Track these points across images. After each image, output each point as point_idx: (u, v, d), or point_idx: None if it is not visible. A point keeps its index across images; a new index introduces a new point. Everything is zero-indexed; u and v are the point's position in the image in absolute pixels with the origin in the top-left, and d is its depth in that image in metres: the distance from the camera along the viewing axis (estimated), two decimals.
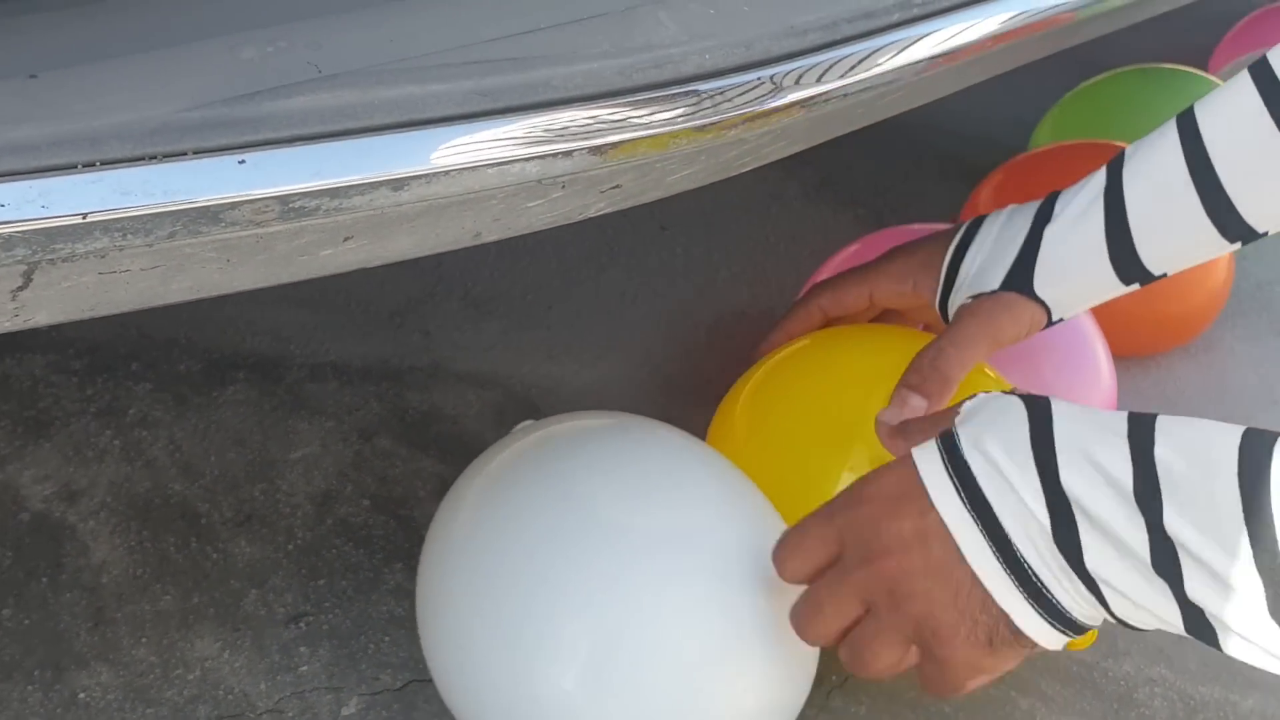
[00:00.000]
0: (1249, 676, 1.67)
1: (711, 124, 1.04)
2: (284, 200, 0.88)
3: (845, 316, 1.72)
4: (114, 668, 1.52)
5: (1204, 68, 3.00)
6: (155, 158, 0.84)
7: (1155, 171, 1.27)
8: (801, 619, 1.22)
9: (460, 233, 1.01)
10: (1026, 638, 1.06)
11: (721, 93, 1.04)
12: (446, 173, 0.94)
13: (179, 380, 2.02)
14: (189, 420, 1.93)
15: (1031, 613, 1.03)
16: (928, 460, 1.04)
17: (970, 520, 1.02)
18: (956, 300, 1.41)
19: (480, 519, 1.36)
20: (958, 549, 1.03)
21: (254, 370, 2.06)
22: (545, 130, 0.97)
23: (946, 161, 3.01)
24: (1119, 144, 2.41)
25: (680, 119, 1.02)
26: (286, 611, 1.62)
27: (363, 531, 1.75)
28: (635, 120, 1.01)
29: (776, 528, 1.42)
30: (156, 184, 0.84)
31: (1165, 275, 1.38)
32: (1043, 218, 1.34)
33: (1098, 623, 1.06)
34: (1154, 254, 1.29)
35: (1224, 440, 0.93)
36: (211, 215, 0.86)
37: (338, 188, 0.90)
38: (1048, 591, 1.01)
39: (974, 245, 1.40)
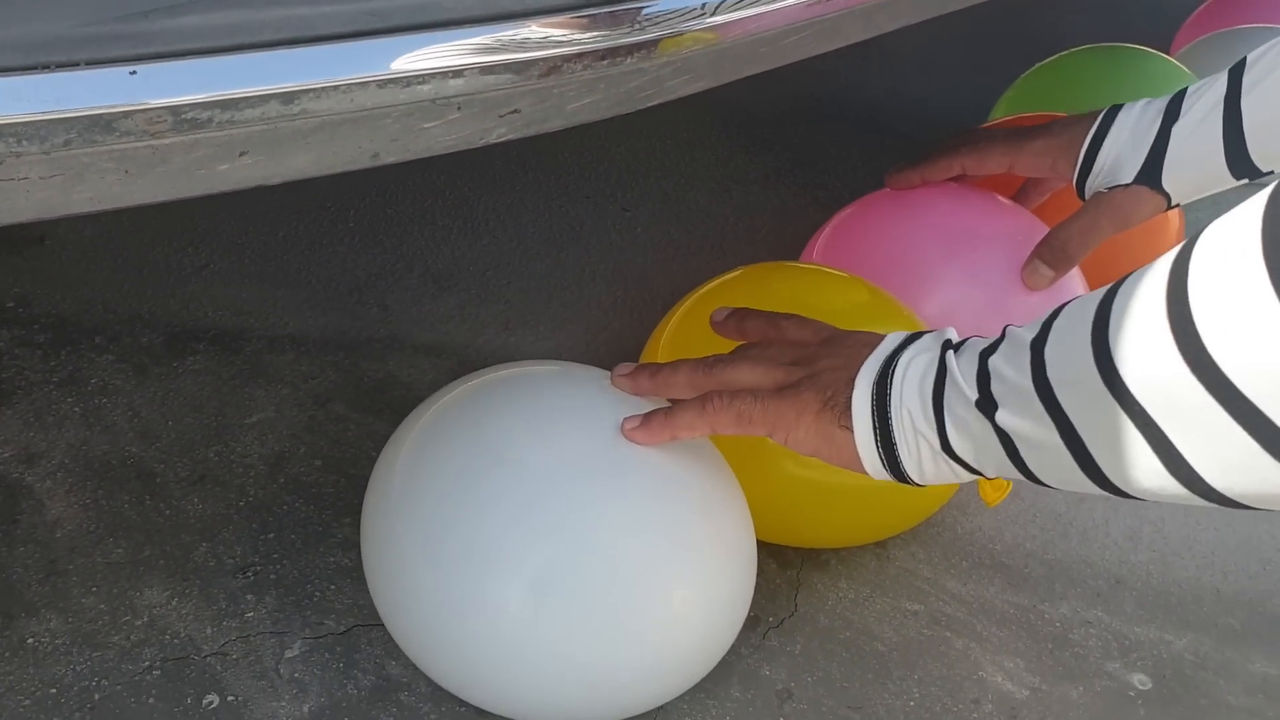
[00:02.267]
0: (1183, 617, 1.69)
1: (600, 49, 1.08)
2: (175, 111, 0.92)
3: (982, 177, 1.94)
4: (63, 615, 1.56)
5: (1166, 53, 3.04)
6: (48, 67, 0.88)
7: (1267, 79, 1.41)
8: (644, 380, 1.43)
9: (357, 152, 1.04)
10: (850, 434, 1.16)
11: (611, 16, 1.07)
12: (336, 87, 0.97)
13: (140, 352, 2.06)
14: (148, 388, 1.97)
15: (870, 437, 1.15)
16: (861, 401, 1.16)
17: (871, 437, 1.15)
18: (1093, 186, 1.64)
19: (416, 461, 1.40)
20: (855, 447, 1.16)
21: (213, 342, 2.10)
22: (436, 50, 1.01)
23: (906, 143, 3.05)
24: (1069, 116, 2.47)
25: (569, 41, 1.06)
26: (235, 563, 1.65)
27: (314, 489, 1.79)
28: (526, 40, 1.05)
29: (699, 451, 1.46)
30: (49, 91, 0.88)
31: (1271, 173, 1.51)
32: (1171, 116, 1.52)
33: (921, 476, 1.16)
34: (1262, 153, 1.45)
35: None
36: (105, 124, 0.90)
37: (228, 99, 0.94)
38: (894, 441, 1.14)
39: (1110, 137, 1.59)
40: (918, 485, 1.18)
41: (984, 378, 1.02)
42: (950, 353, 1.08)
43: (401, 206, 2.58)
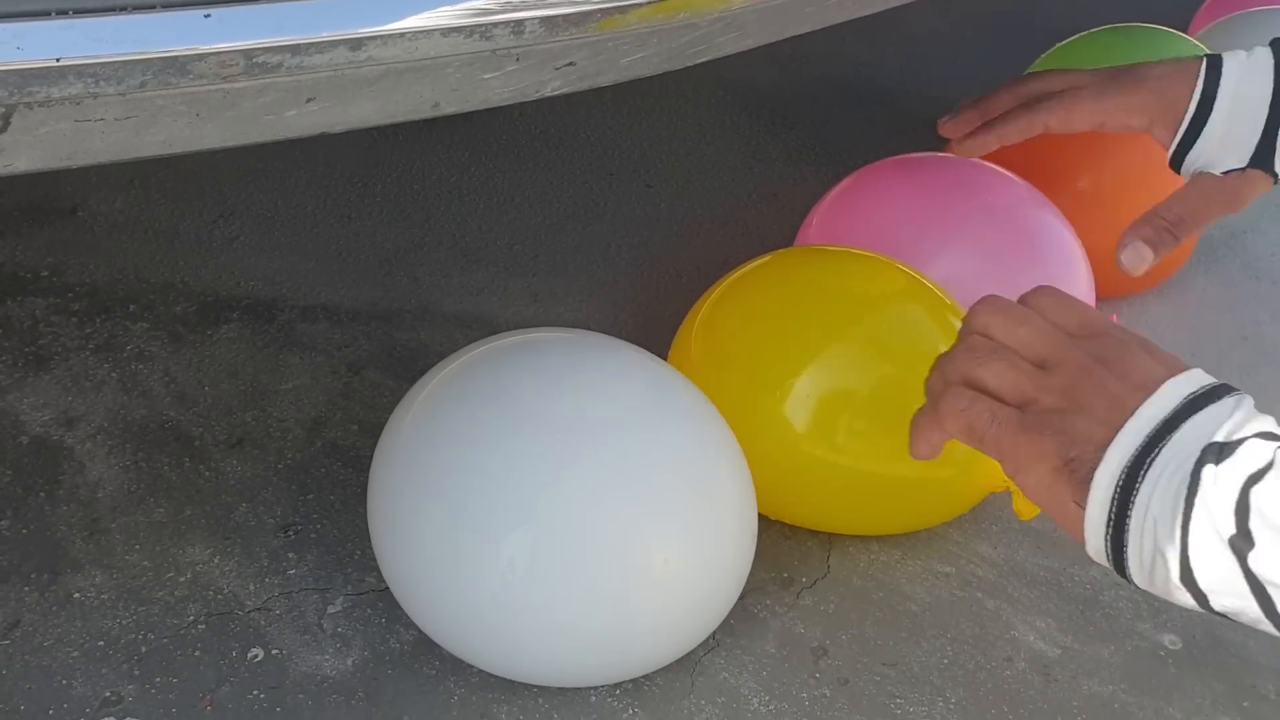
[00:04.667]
0: None
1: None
2: (247, 54, 0.94)
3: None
4: (108, 571, 1.58)
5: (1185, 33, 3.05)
6: (125, 9, 0.90)
7: None
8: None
9: (419, 101, 1.06)
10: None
11: None
12: (402, 35, 0.99)
13: (174, 320, 2.08)
14: (184, 355, 1.99)
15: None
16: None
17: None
18: (1196, 163, 1.52)
19: (418, 421, 1.43)
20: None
21: (247, 311, 2.12)
22: (499, 1, 1.03)
23: (926, 125, 3.06)
24: None
25: None
26: (276, 522, 1.67)
27: (351, 453, 1.81)
28: None
29: (710, 418, 1.48)
30: (126, 32, 0.90)
31: None
32: None
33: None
34: None
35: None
36: (179, 66, 0.92)
37: (299, 44, 0.96)
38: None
39: (1216, 111, 1.46)
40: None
41: (1243, 511, 0.84)
42: (1209, 466, 0.86)
43: (428, 181, 2.60)
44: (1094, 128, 1.68)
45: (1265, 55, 1.48)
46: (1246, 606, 0.87)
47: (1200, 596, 0.90)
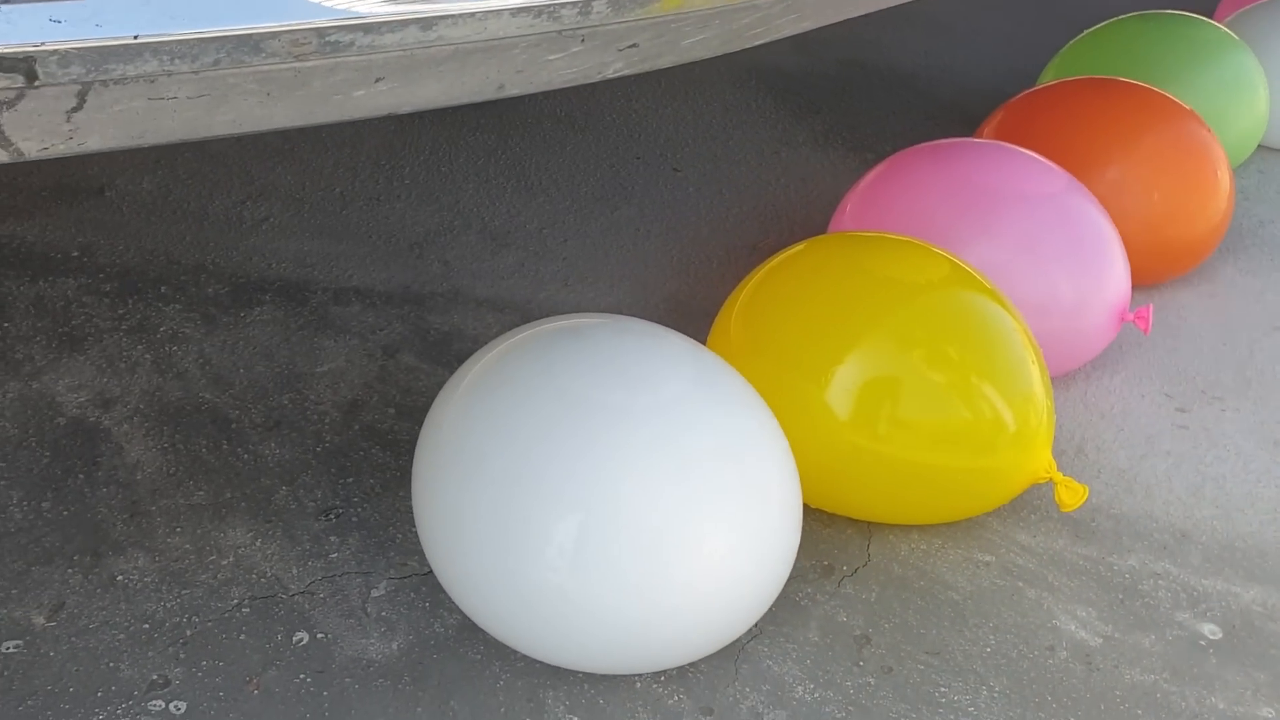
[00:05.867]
0: (1249, 570, 1.71)
1: None
2: (321, 33, 0.93)
3: None
4: (150, 554, 1.57)
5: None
6: None
7: None
8: None
9: (484, 82, 1.06)
10: None
11: None
12: (472, 15, 0.99)
13: (207, 302, 2.07)
14: (218, 337, 1.99)
15: None
16: None
17: None
18: None
19: (466, 405, 1.43)
20: None
21: (279, 294, 2.11)
22: None
23: (950, 111, 3.05)
24: (1114, 79, 2.48)
25: None
26: (316, 505, 1.67)
27: (389, 436, 1.81)
28: None
29: (755, 406, 1.47)
30: (202, 10, 0.89)
31: None
32: None
33: None
34: None
35: None
36: (253, 44, 0.91)
37: (371, 23, 0.95)
38: None
39: None
40: None
41: None
42: None
43: (456, 165, 2.59)
44: None
45: None
46: None
47: None
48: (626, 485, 1.35)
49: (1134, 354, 2.16)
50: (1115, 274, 2.01)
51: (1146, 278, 2.35)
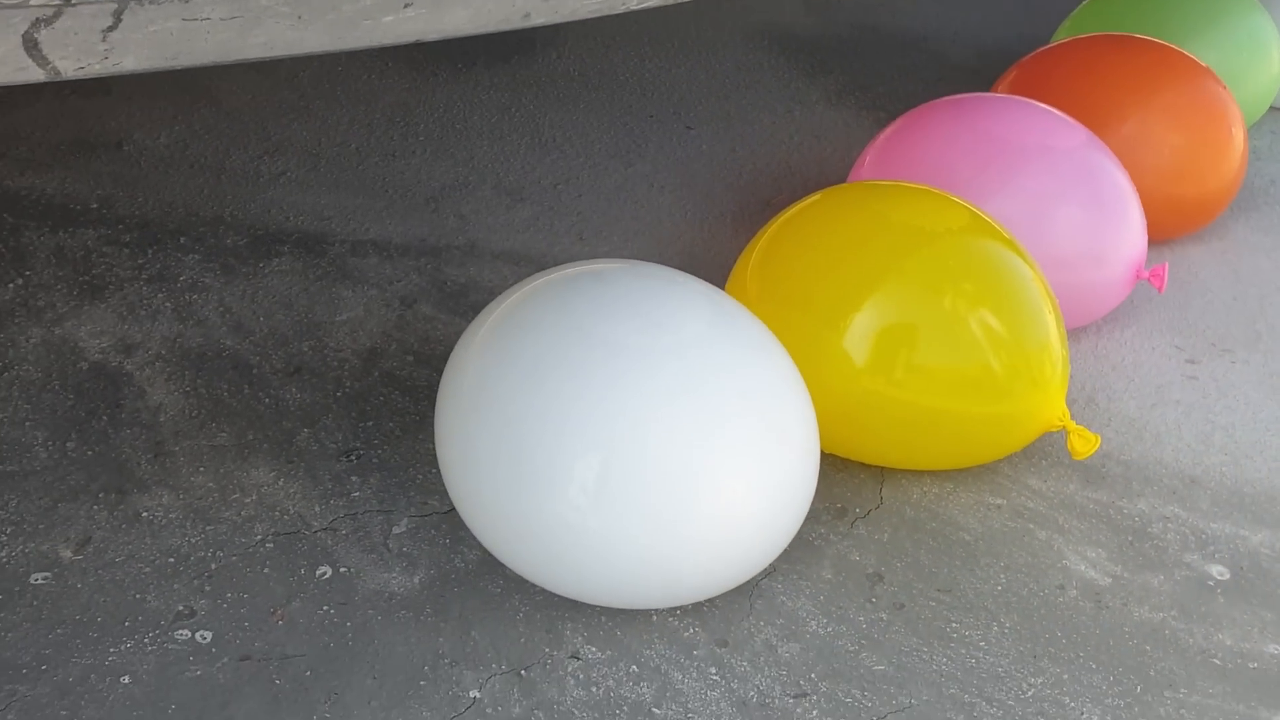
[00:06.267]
0: (1257, 515, 1.73)
1: None
2: None
3: None
4: (174, 492, 1.60)
5: None
6: None
7: None
8: None
9: (511, 10, 1.07)
10: None
11: None
12: None
13: (226, 252, 2.10)
14: (237, 286, 2.01)
15: None
16: None
17: None
18: None
19: (489, 345, 1.45)
20: None
21: (297, 245, 2.14)
22: None
23: (963, 73, 3.06)
24: (1130, 35, 2.49)
25: None
26: (338, 447, 1.70)
27: (408, 382, 1.83)
28: None
29: (774, 349, 1.49)
30: None
31: None
32: None
33: None
34: None
35: None
36: None
37: None
38: None
39: None
40: None
41: None
42: None
43: (470, 121, 2.61)
44: None
45: None
46: None
47: None
48: (646, 424, 1.37)
49: (1145, 308, 2.18)
50: (1132, 230, 2.02)
51: (1160, 233, 2.36)
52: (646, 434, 1.36)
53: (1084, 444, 1.66)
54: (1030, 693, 1.43)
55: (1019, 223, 1.91)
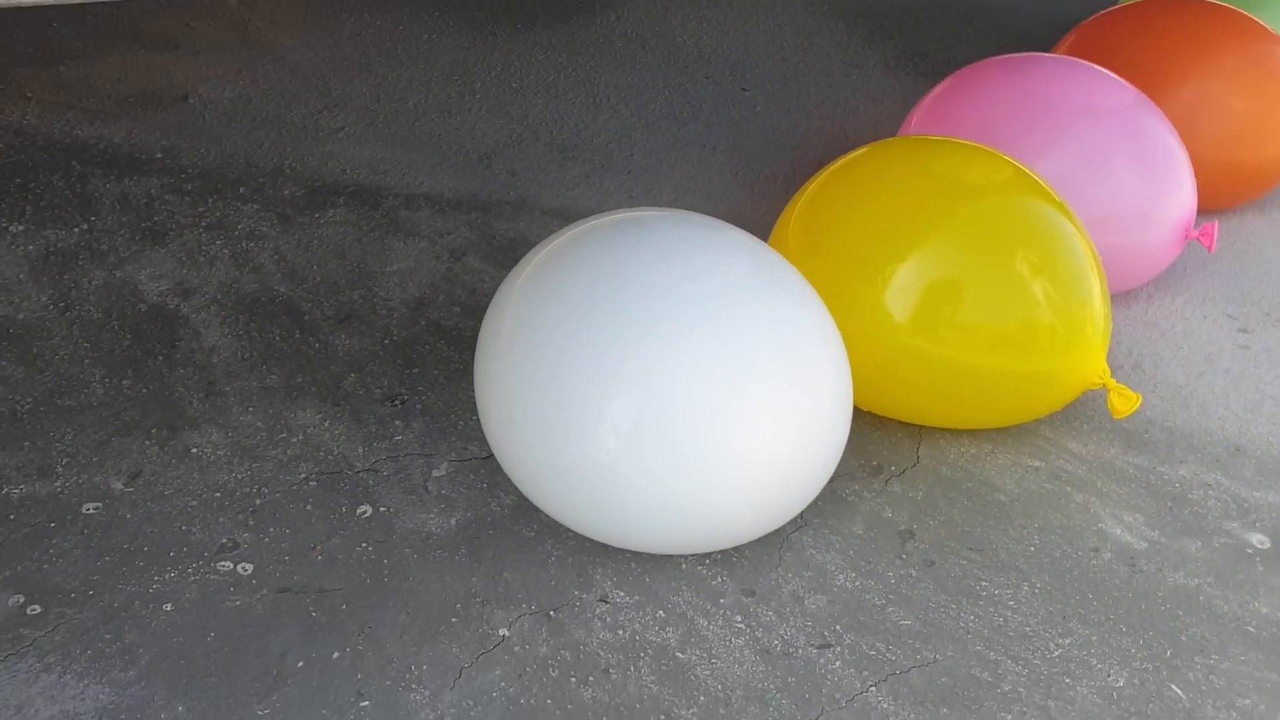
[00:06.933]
0: None
1: None
2: None
3: None
4: (223, 430, 1.65)
5: None
6: None
7: None
8: None
9: None
10: None
11: None
12: None
13: (283, 203, 2.14)
14: (293, 235, 2.05)
15: None
16: None
17: None
18: None
19: (527, 290, 1.47)
20: None
21: (353, 197, 2.18)
22: None
23: (1024, 40, 3.02)
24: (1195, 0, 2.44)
25: None
26: (383, 392, 1.73)
27: (454, 332, 1.86)
28: None
29: (810, 300, 1.50)
30: None
31: None
32: None
33: None
34: None
35: None
36: None
37: None
38: None
39: None
40: None
41: None
42: None
43: (525, 80, 2.63)
44: None
45: None
46: None
47: None
48: (679, 369, 1.38)
49: (1198, 275, 2.15)
50: (1181, 190, 1.99)
51: (1218, 201, 2.33)
52: (679, 379, 1.38)
53: (1124, 402, 1.65)
54: (1057, 653, 1.43)
55: (1065, 182, 1.90)
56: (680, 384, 1.38)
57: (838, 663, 1.39)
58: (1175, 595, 1.52)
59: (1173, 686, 1.40)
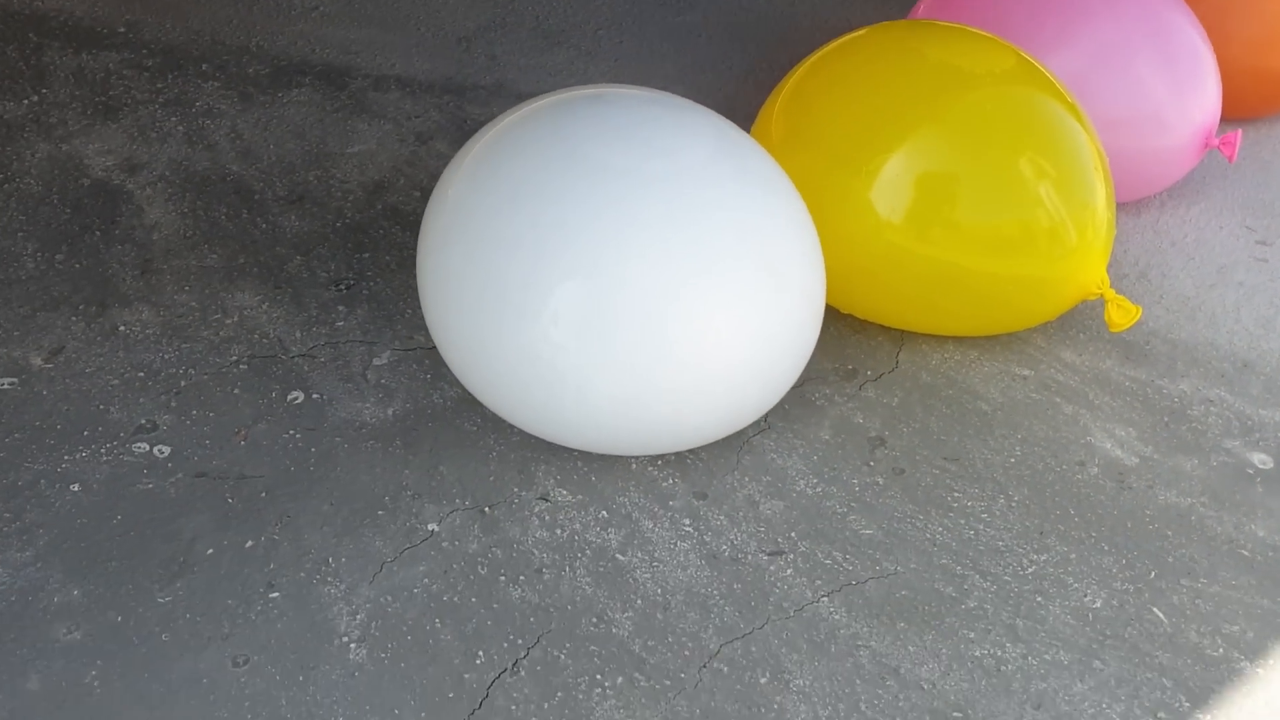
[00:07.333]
0: None
1: None
2: None
3: None
4: (155, 309, 1.55)
5: None
6: None
7: None
8: None
9: None
10: None
11: None
12: None
13: (246, 81, 2.03)
14: (252, 114, 1.94)
15: None
16: None
17: None
18: None
19: (473, 168, 1.35)
20: None
21: (319, 77, 2.06)
22: None
23: None
24: None
25: None
26: (329, 276, 1.63)
27: (412, 217, 1.75)
28: None
29: (781, 188, 1.37)
30: None
31: None
32: None
33: None
34: None
35: None
36: None
37: None
38: None
39: None
40: None
41: None
42: None
43: None
44: None
45: None
46: None
47: None
48: (630, 254, 1.27)
49: (1217, 184, 2.01)
50: (1205, 94, 1.85)
51: (1247, 110, 2.17)
52: (629, 265, 1.26)
53: (1123, 315, 1.53)
54: (1030, 569, 1.32)
55: (1078, 79, 1.76)
56: (630, 271, 1.26)
57: (789, 570, 1.29)
58: (1165, 514, 1.41)
59: (1154, 609, 1.29)
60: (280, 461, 1.36)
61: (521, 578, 1.25)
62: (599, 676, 1.16)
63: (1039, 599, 1.29)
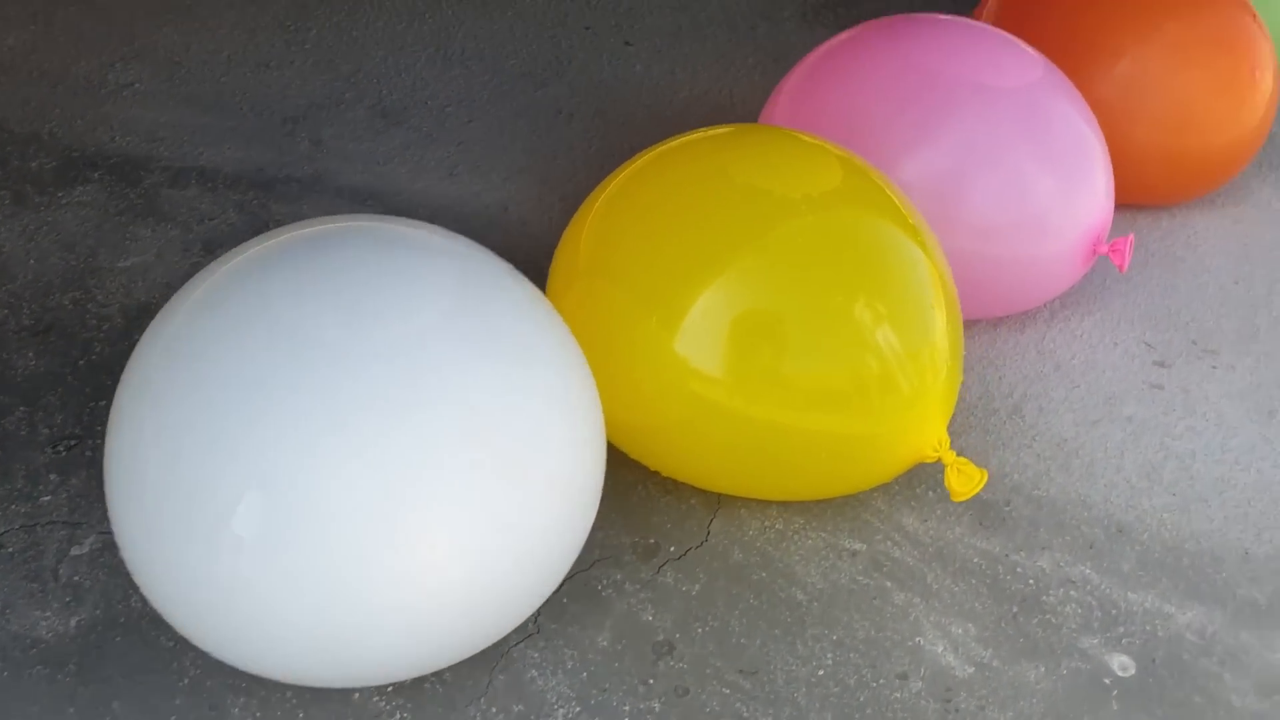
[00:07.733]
0: (1194, 584, 1.35)
1: None
2: None
3: None
4: None
5: None
6: None
7: None
8: None
9: None
10: None
11: None
12: None
13: (26, 178, 1.80)
14: (21, 220, 1.72)
15: None
16: None
17: None
18: None
19: (168, 335, 1.12)
20: None
21: (112, 171, 1.83)
22: None
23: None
24: None
25: None
26: (50, 434, 1.40)
27: None
28: None
29: (541, 347, 1.15)
30: None
31: None
32: None
33: None
34: None
35: None
36: None
37: None
38: None
39: None
40: None
41: None
42: None
43: (370, 29, 2.27)
44: None
45: None
46: None
47: None
48: (326, 453, 1.04)
49: (1118, 290, 1.78)
50: (1093, 192, 1.62)
51: (1157, 196, 1.94)
52: (325, 466, 1.04)
53: (963, 483, 1.30)
54: None
55: (944, 179, 1.55)
56: (323, 472, 1.03)
57: None
58: None
59: None
60: None
61: None
62: None
63: None
